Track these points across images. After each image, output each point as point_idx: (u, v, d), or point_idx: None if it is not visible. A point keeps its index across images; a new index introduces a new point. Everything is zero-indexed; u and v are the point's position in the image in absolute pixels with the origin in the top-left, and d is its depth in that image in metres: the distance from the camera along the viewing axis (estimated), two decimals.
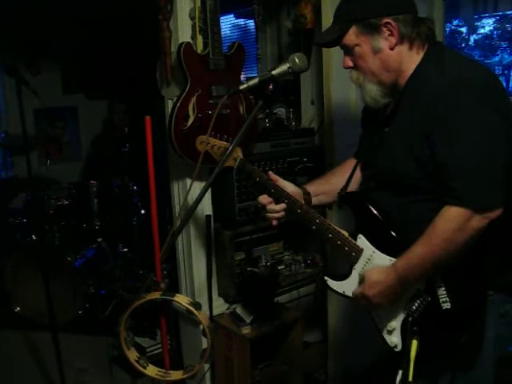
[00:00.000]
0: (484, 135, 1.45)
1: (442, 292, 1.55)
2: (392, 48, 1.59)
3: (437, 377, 1.65)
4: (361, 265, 1.69)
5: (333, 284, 1.76)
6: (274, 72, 1.67)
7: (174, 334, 3.14)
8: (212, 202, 2.90)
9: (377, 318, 1.68)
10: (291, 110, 3.41)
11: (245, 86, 1.74)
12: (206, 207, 2.86)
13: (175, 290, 2.83)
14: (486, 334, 1.63)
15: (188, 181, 2.79)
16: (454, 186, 1.46)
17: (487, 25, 3.86)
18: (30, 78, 4.90)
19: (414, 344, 1.47)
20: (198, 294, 2.89)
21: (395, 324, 1.64)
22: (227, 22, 4.93)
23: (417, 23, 1.60)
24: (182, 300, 1.83)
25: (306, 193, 1.90)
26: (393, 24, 1.56)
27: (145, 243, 3.79)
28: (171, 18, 2.61)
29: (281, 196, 1.79)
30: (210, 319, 2.75)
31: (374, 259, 1.67)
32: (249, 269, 3.04)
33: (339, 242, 1.71)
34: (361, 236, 1.70)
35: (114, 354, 3.25)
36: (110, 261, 4.04)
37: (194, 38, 2.64)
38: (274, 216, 1.83)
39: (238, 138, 1.77)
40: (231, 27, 5.02)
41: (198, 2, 2.60)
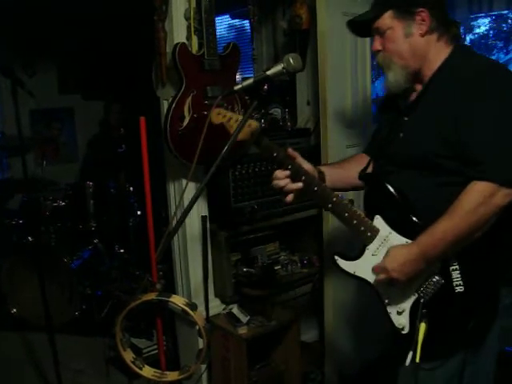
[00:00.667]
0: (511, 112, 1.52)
1: (456, 275, 1.56)
2: (422, 35, 1.67)
3: (445, 360, 1.65)
4: (375, 245, 1.68)
5: (343, 263, 1.75)
6: (268, 72, 1.67)
7: (171, 334, 3.14)
8: (208, 202, 2.91)
9: (387, 299, 1.67)
10: (287, 110, 3.42)
11: (239, 86, 1.73)
12: (202, 207, 2.87)
13: (172, 291, 2.83)
14: (492, 326, 1.65)
15: (184, 181, 2.79)
16: (481, 159, 1.50)
17: (483, 24, 3.87)
18: (26, 79, 4.89)
19: (423, 327, 1.47)
20: (195, 294, 2.89)
21: (405, 305, 1.63)
22: (223, 23, 4.93)
23: (447, 21, 1.71)
24: (178, 301, 1.83)
25: (320, 172, 1.90)
26: (427, 13, 1.65)
27: (141, 244, 3.78)
28: (166, 19, 2.61)
29: (298, 173, 1.77)
30: (207, 320, 2.75)
31: (389, 240, 1.66)
32: (245, 269, 3.05)
33: (355, 222, 1.70)
34: (378, 217, 1.69)
35: (111, 355, 3.24)
36: (107, 262, 4.03)
37: (189, 38, 2.64)
38: (291, 188, 1.78)
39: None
40: (227, 27, 5.02)
41: (193, 3, 2.60)
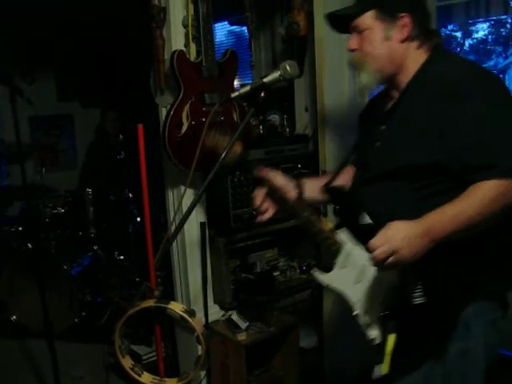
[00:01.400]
0: (505, 109, 1.49)
1: (416, 286, 1.51)
2: (402, 41, 1.63)
3: (413, 370, 1.63)
4: (341, 259, 1.68)
5: (320, 276, 1.74)
6: (265, 80, 1.68)
7: (170, 341, 3.14)
8: (206, 208, 2.91)
9: (357, 310, 1.65)
10: (285, 116, 3.43)
11: (236, 93, 1.74)
12: (201, 214, 2.87)
13: (171, 298, 2.83)
14: (474, 342, 1.60)
15: (182, 188, 2.80)
16: (488, 160, 1.43)
17: (482, 29, 3.88)
18: (25, 86, 4.90)
19: (391, 338, 1.47)
20: (194, 301, 2.90)
21: (374, 317, 1.62)
22: (223, 29, 4.94)
23: (429, 30, 1.67)
24: (176, 307, 1.83)
25: (297, 185, 1.89)
26: (409, 19, 1.61)
27: (141, 251, 3.78)
28: (164, 26, 2.63)
29: (274, 192, 1.85)
30: (206, 326, 2.75)
31: (352, 255, 1.65)
32: (244, 275, 3.05)
33: (323, 235, 1.71)
34: (343, 230, 1.69)
35: (110, 361, 3.23)
36: (106, 269, 4.04)
37: (187, 45, 2.66)
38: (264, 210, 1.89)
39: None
40: (227, 34, 5.03)
41: (191, 10, 2.62)
